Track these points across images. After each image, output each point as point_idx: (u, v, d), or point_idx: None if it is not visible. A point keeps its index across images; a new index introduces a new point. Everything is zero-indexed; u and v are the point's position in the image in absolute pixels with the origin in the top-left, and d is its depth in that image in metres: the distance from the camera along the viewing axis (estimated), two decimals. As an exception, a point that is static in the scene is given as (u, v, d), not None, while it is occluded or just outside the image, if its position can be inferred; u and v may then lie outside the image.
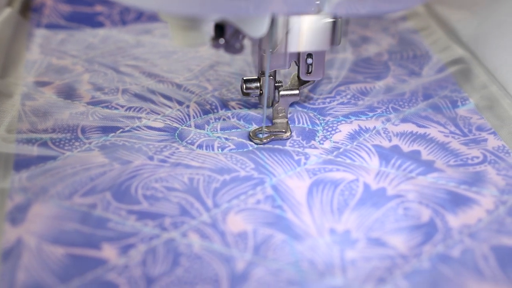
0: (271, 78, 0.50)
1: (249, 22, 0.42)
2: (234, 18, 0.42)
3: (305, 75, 0.50)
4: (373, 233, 0.42)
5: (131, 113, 0.53)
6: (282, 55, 0.48)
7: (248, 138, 0.50)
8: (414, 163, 0.48)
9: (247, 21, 0.42)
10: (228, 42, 0.44)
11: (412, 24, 0.67)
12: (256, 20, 0.42)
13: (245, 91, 0.50)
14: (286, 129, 0.51)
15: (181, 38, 0.43)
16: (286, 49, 0.47)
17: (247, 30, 0.43)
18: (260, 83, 0.50)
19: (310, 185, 0.46)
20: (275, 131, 0.51)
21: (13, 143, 0.48)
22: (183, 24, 0.42)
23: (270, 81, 0.50)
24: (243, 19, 0.42)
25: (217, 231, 0.42)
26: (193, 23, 0.42)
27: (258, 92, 0.51)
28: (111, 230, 0.42)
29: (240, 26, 0.43)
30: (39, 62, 0.59)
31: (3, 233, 0.41)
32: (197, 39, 0.43)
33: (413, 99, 0.55)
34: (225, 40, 0.44)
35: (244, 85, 0.50)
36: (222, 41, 0.44)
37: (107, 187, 0.45)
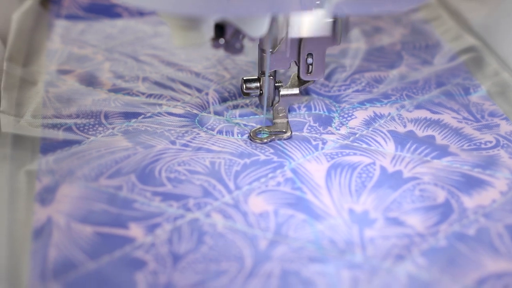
0: (271, 78, 0.50)
1: (249, 22, 0.42)
2: (234, 18, 0.42)
3: (305, 75, 0.50)
4: (390, 213, 0.43)
5: (152, 100, 0.54)
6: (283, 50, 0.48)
7: (269, 124, 0.51)
8: (429, 147, 0.49)
9: (247, 21, 0.42)
10: (228, 42, 0.44)
11: (423, 14, 0.68)
12: (256, 20, 0.43)
13: (245, 91, 0.50)
14: (286, 129, 0.51)
15: (181, 38, 0.43)
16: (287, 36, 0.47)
17: (247, 30, 0.43)
18: (260, 83, 0.51)
19: (328, 168, 0.47)
20: (275, 131, 0.51)
21: (39, 127, 0.50)
22: (183, 24, 0.42)
23: (270, 81, 0.50)
24: (243, 19, 0.42)
25: (239, 212, 0.43)
26: (193, 23, 0.42)
27: (258, 92, 0.51)
28: (137, 210, 0.43)
29: (240, 26, 0.43)
30: (60, 51, 0.61)
31: (33, 213, 0.42)
32: (197, 39, 0.43)
33: (426, 87, 0.56)
34: (225, 40, 0.44)
35: (244, 85, 0.50)
36: (222, 41, 0.44)
37: (132, 169, 0.46)
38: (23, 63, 0.56)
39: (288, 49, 0.48)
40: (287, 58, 0.49)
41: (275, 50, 0.48)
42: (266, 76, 0.49)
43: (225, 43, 0.44)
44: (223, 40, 0.44)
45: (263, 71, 0.49)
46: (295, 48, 0.49)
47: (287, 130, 0.51)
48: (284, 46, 0.48)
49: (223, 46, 0.44)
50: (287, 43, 0.48)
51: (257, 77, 0.51)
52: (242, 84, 0.50)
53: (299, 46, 0.48)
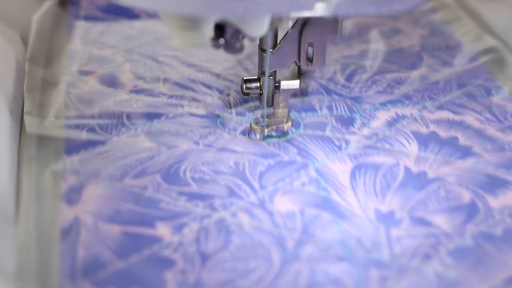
0: (271, 78, 0.50)
1: (249, 22, 0.43)
2: (234, 18, 0.42)
3: (306, 65, 0.50)
4: (416, 213, 0.43)
5: (174, 101, 0.54)
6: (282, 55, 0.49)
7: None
8: (452, 148, 0.49)
9: (247, 21, 0.42)
10: (228, 42, 0.44)
11: (442, 15, 0.68)
12: (256, 20, 0.43)
13: (245, 91, 0.51)
14: (287, 119, 0.51)
15: (181, 38, 0.43)
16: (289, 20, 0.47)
17: (247, 30, 0.43)
18: (260, 83, 0.51)
19: (353, 168, 0.47)
20: (276, 121, 0.51)
21: (62, 128, 0.50)
22: (183, 24, 0.42)
23: (270, 81, 0.50)
24: (243, 19, 0.42)
25: (265, 211, 0.43)
26: (193, 23, 0.42)
27: (258, 92, 0.51)
28: (163, 210, 0.43)
29: (240, 26, 0.43)
30: (81, 52, 0.61)
31: (60, 212, 0.43)
32: (197, 39, 0.43)
33: (447, 88, 0.56)
34: (225, 40, 0.44)
35: (244, 85, 0.50)
36: (222, 41, 0.44)
37: (156, 169, 0.46)
38: (44, 64, 0.57)
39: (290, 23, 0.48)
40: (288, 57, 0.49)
41: (275, 50, 0.48)
42: (266, 76, 0.49)
43: (225, 43, 0.44)
44: (223, 40, 0.44)
45: (263, 71, 0.49)
46: (295, 47, 0.49)
47: (288, 120, 0.51)
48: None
49: (223, 46, 0.44)
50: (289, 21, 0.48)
51: (257, 77, 0.51)
52: (242, 84, 0.50)
53: (300, 38, 0.49)
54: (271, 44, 0.49)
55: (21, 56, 0.55)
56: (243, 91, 0.51)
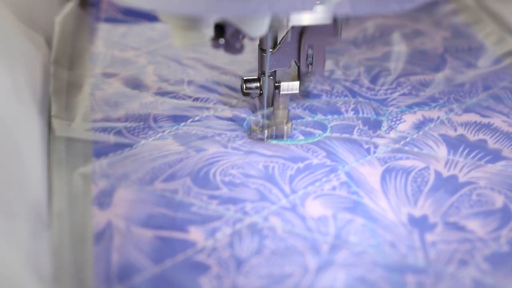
0: (271, 78, 0.50)
1: (249, 22, 0.42)
2: (234, 18, 0.42)
3: (306, 68, 0.50)
4: (449, 217, 0.43)
5: (199, 103, 0.54)
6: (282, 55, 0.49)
7: (317, 127, 0.51)
8: (482, 151, 0.49)
9: (247, 21, 0.42)
10: (228, 42, 0.44)
11: (463, 17, 0.68)
12: (256, 20, 0.42)
13: (245, 91, 0.51)
14: (286, 120, 0.51)
15: (181, 38, 0.43)
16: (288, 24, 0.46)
17: (247, 30, 0.43)
18: (260, 83, 0.51)
19: (383, 172, 0.47)
20: (276, 122, 0.51)
21: (90, 131, 0.50)
22: (183, 24, 0.42)
23: (270, 81, 0.50)
24: (243, 19, 0.42)
25: (297, 216, 0.43)
26: (193, 23, 0.42)
27: (258, 92, 0.51)
28: (195, 214, 0.43)
29: (240, 26, 0.42)
30: (103, 54, 0.61)
31: (92, 216, 0.42)
32: (197, 39, 0.43)
33: (473, 90, 0.56)
34: (225, 40, 0.44)
35: (244, 85, 0.51)
36: (222, 41, 0.44)
37: (186, 173, 0.46)
38: (68, 66, 0.56)
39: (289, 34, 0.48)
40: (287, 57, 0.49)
41: (275, 50, 0.49)
42: (266, 76, 0.49)
43: (225, 43, 0.44)
44: (223, 40, 0.44)
45: (263, 71, 0.49)
46: (295, 47, 0.49)
47: (288, 121, 0.51)
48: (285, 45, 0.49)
49: (223, 46, 0.44)
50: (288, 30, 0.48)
51: (257, 77, 0.51)
52: (242, 84, 0.51)
53: (300, 40, 0.49)
54: (271, 44, 0.49)
55: (47, 59, 0.55)
56: (243, 91, 0.51)
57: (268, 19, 0.43)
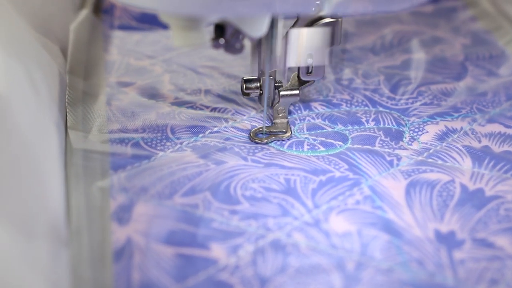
0: (271, 78, 0.50)
1: (249, 22, 0.42)
2: (234, 18, 0.42)
3: (305, 75, 0.50)
4: (477, 234, 0.42)
5: (217, 114, 0.53)
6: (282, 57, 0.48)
7: (338, 138, 0.50)
8: (507, 163, 0.48)
9: (247, 21, 0.42)
10: (228, 42, 0.44)
11: (483, 24, 0.67)
12: (256, 20, 0.42)
13: (245, 91, 0.50)
14: (286, 129, 0.51)
15: (181, 38, 0.43)
16: (285, 65, 0.48)
17: (247, 30, 0.43)
18: (260, 83, 0.50)
19: (407, 186, 0.46)
20: (275, 131, 0.51)
21: (107, 143, 0.49)
22: (183, 24, 0.42)
23: (270, 81, 0.50)
24: (243, 19, 0.42)
25: (321, 231, 0.42)
26: (193, 23, 0.42)
27: (258, 92, 0.51)
28: (216, 230, 0.42)
29: (240, 26, 0.42)
30: (118, 62, 0.60)
31: (112, 232, 0.41)
32: (197, 39, 0.43)
33: (496, 99, 0.55)
34: (225, 40, 0.44)
35: (244, 85, 0.50)
36: (222, 41, 0.44)
37: (206, 187, 0.45)
38: (84, 75, 0.55)
39: (285, 73, 0.49)
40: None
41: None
42: (266, 76, 0.49)
43: (225, 43, 0.44)
44: (223, 40, 0.44)
45: (263, 71, 0.49)
46: None
47: (287, 130, 0.51)
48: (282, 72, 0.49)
49: (223, 46, 0.44)
50: (285, 70, 0.49)
51: (257, 77, 0.50)
52: (242, 84, 0.50)
53: None
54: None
55: (62, 69, 0.54)
56: (243, 91, 0.51)
57: (268, 19, 0.43)
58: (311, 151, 0.50)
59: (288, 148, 0.50)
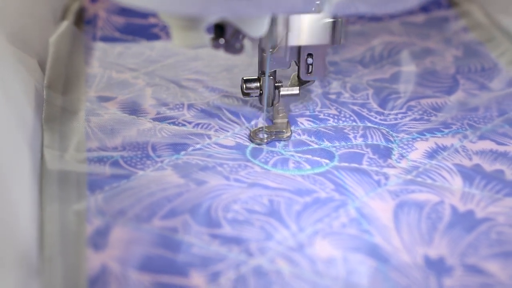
0: (271, 78, 0.49)
1: (249, 22, 0.42)
2: (234, 18, 0.42)
3: (305, 75, 0.50)
4: (468, 259, 0.41)
5: (200, 130, 0.51)
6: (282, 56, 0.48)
7: (324, 155, 0.49)
8: (499, 183, 0.46)
9: (247, 21, 0.42)
10: (228, 42, 0.44)
11: (476, 35, 0.65)
12: (256, 20, 0.42)
13: (245, 91, 0.50)
14: (286, 129, 0.51)
15: (181, 38, 0.43)
16: (287, 44, 0.47)
17: (247, 30, 0.42)
18: (260, 83, 0.50)
19: (395, 207, 0.44)
20: (276, 131, 0.50)
21: (85, 162, 0.47)
22: (183, 24, 0.42)
23: (270, 81, 0.49)
24: (243, 19, 0.42)
25: (305, 257, 0.41)
26: (193, 23, 0.42)
27: (258, 92, 0.50)
28: (195, 255, 0.40)
29: (240, 26, 0.42)
30: (99, 76, 0.58)
31: (86, 259, 0.40)
32: (198, 39, 0.42)
33: (487, 115, 0.54)
34: (225, 40, 0.44)
35: (244, 85, 0.50)
36: (222, 41, 0.44)
37: (186, 209, 0.44)
38: (63, 90, 0.54)
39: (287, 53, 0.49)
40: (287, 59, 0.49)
41: (275, 50, 0.48)
42: (266, 76, 0.48)
43: (225, 43, 0.44)
44: (223, 40, 0.44)
45: (263, 71, 0.48)
46: (295, 48, 0.48)
47: (287, 130, 0.51)
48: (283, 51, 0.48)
49: (223, 46, 0.44)
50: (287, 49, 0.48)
51: (257, 77, 0.50)
52: (242, 84, 0.49)
53: (299, 46, 0.48)
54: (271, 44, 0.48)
55: (40, 84, 0.52)
56: (243, 91, 0.50)
57: (268, 19, 0.43)
58: (297, 169, 0.48)
59: (272, 166, 0.48)
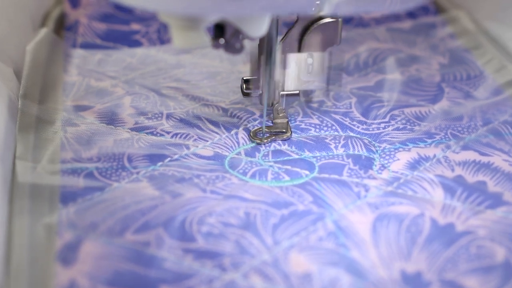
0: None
1: (249, 22, 0.42)
2: (234, 18, 0.42)
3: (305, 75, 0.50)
4: (446, 274, 0.40)
5: (178, 140, 0.50)
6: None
7: (304, 166, 0.48)
8: (481, 195, 0.45)
9: (247, 21, 0.42)
10: (228, 42, 0.44)
11: (462, 42, 0.64)
12: (256, 20, 0.42)
13: (245, 91, 0.50)
14: (286, 129, 0.51)
15: (181, 38, 0.42)
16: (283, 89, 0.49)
17: (247, 30, 0.42)
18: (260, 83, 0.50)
19: (374, 220, 0.43)
20: (276, 131, 0.51)
21: (58, 174, 0.46)
22: (183, 24, 0.41)
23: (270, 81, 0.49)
24: (243, 19, 0.42)
25: (279, 272, 0.40)
26: (193, 23, 0.41)
27: (258, 92, 0.50)
28: (167, 271, 0.39)
29: (240, 26, 0.42)
30: (78, 84, 0.57)
31: (55, 274, 0.39)
32: (198, 40, 0.42)
33: (472, 124, 0.53)
34: (225, 40, 0.44)
35: (244, 85, 0.50)
36: (222, 41, 0.44)
37: (160, 222, 0.43)
38: (39, 100, 0.53)
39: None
40: None
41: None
42: (266, 76, 0.48)
43: (225, 43, 0.44)
44: (223, 40, 0.44)
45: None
46: (295, 47, 0.48)
47: (287, 130, 0.51)
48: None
49: (223, 46, 0.44)
50: None
51: (257, 77, 0.49)
52: (242, 84, 0.49)
53: (299, 47, 0.48)
54: None
55: (14, 93, 0.51)
56: (243, 91, 0.50)
57: (268, 19, 0.42)
58: (275, 181, 0.47)
59: (251, 178, 0.47)
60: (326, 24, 0.47)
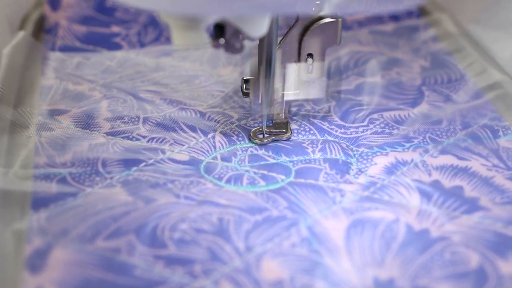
0: None
1: (249, 22, 0.42)
2: (234, 18, 0.42)
3: (305, 75, 0.49)
4: (419, 280, 0.39)
5: (154, 145, 0.50)
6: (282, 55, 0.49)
7: (280, 171, 0.47)
8: (457, 200, 0.45)
9: (247, 21, 0.42)
10: (228, 42, 0.44)
11: (444, 45, 0.64)
12: (256, 20, 0.42)
13: (245, 91, 0.49)
14: (286, 129, 0.51)
15: (181, 38, 0.42)
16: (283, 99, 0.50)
17: (247, 30, 0.42)
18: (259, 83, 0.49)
19: (348, 226, 0.43)
20: (275, 132, 0.51)
21: (30, 179, 0.45)
22: (183, 24, 0.41)
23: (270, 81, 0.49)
24: (243, 19, 0.42)
25: (251, 279, 0.39)
26: (193, 23, 0.41)
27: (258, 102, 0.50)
28: (137, 278, 0.39)
29: (240, 26, 0.42)
30: (55, 88, 0.56)
31: (22, 282, 0.38)
32: (197, 39, 0.42)
33: (450, 128, 0.52)
34: (225, 40, 0.44)
35: (244, 85, 0.49)
36: (222, 41, 0.44)
37: (132, 228, 0.42)
38: (14, 103, 0.52)
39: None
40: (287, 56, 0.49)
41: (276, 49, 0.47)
42: (265, 77, 0.48)
43: (225, 43, 0.44)
44: (223, 40, 0.43)
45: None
46: (295, 47, 0.48)
47: (287, 130, 0.51)
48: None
49: (223, 46, 0.44)
50: None
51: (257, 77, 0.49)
52: (242, 84, 0.49)
53: (299, 47, 0.48)
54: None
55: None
56: (243, 91, 0.49)
57: (268, 19, 0.42)
58: (250, 186, 0.46)
59: (226, 183, 0.47)
60: (326, 24, 0.47)
